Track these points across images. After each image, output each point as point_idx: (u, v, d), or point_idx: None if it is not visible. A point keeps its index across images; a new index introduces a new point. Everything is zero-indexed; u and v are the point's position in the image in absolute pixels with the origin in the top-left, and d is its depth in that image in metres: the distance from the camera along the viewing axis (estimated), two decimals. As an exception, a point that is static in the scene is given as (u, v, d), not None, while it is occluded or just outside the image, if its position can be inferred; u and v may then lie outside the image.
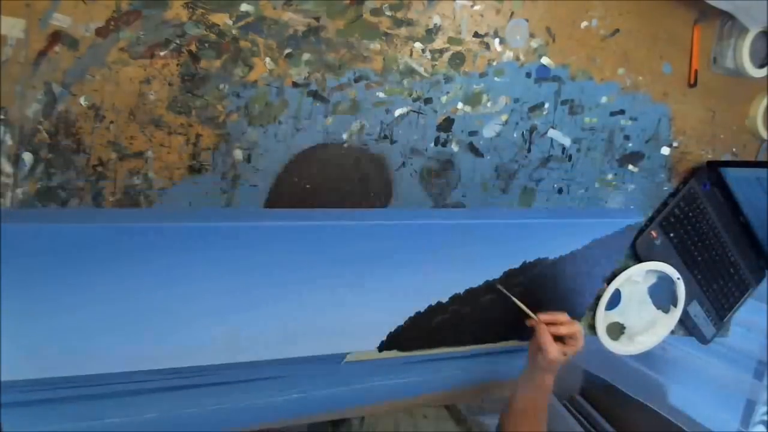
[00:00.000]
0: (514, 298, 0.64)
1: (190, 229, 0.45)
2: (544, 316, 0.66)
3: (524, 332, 0.73)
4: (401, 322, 0.62)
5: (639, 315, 0.92)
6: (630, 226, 0.65)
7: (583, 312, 0.75)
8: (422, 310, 0.62)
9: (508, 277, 0.63)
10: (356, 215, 0.54)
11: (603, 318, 0.88)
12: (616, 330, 0.92)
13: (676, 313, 0.93)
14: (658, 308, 0.93)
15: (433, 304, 0.61)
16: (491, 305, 0.65)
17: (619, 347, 0.92)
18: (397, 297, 0.59)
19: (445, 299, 0.62)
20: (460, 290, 0.62)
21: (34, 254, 0.42)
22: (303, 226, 0.49)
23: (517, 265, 0.62)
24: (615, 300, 0.90)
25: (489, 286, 0.63)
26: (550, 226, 0.61)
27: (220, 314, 0.52)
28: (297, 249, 0.50)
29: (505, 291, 0.64)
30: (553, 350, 0.64)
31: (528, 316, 0.66)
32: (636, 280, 0.90)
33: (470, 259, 0.59)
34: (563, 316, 0.66)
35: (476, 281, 0.62)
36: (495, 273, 0.62)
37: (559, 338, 0.65)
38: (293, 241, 0.50)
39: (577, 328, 0.66)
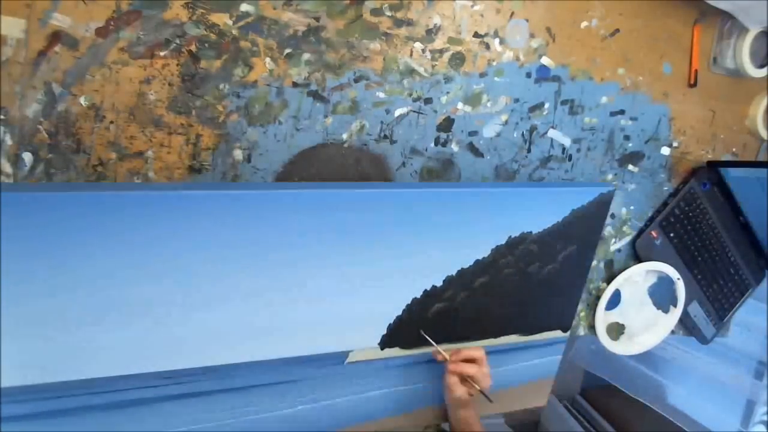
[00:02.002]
0: (427, 337, 0.65)
1: (186, 197, 0.46)
2: (456, 355, 0.66)
3: (523, 326, 0.74)
4: (399, 312, 0.62)
5: (639, 315, 0.92)
6: (603, 194, 0.68)
7: (581, 294, 0.76)
8: (419, 296, 0.62)
9: (496, 255, 0.65)
10: (334, 185, 0.55)
11: (603, 318, 0.89)
12: (616, 330, 0.92)
13: (676, 312, 0.93)
14: (658, 308, 0.93)
15: (428, 288, 0.62)
16: (485, 290, 0.66)
17: (619, 347, 0.92)
18: (391, 283, 0.60)
19: (439, 282, 0.63)
20: (452, 272, 0.63)
21: (30, 228, 0.43)
22: (285, 194, 0.50)
23: (503, 241, 0.65)
24: (615, 300, 0.90)
25: (481, 266, 0.65)
26: (527, 194, 0.64)
27: (218, 314, 0.52)
28: (284, 227, 0.51)
29: (426, 336, 0.66)
30: (458, 390, 0.65)
31: (438, 353, 0.66)
32: (636, 280, 0.90)
33: (457, 239, 0.62)
34: (477, 353, 0.66)
35: (467, 261, 0.64)
36: (483, 251, 0.64)
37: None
38: (281, 216, 0.50)
39: (483, 371, 0.66)
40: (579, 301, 0.77)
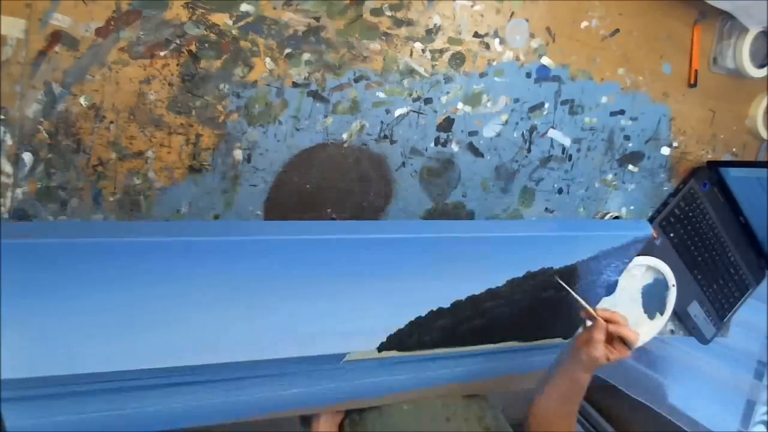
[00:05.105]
0: (572, 292, 0.63)
1: (188, 243, 0.45)
2: (604, 313, 0.64)
3: (525, 336, 0.73)
4: (401, 326, 0.62)
5: (626, 311, 0.91)
6: (638, 238, 0.64)
7: (583, 321, 0.75)
8: (423, 314, 0.61)
9: (512, 286, 0.62)
10: (357, 228, 0.53)
11: None
12: None
13: (660, 322, 0.92)
14: (645, 311, 0.92)
15: (434, 309, 0.61)
16: (492, 311, 0.65)
17: None
18: (398, 304, 0.59)
19: (446, 305, 0.61)
20: (462, 297, 0.61)
21: (30, 265, 0.42)
22: (303, 240, 0.49)
23: (520, 275, 0.62)
24: (610, 287, 0.88)
25: (493, 294, 0.62)
26: (556, 239, 0.60)
27: (219, 315, 0.52)
28: (297, 258, 0.50)
29: (564, 284, 0.63)
30: (601, 350, 0.63)
31: (585, 309, 0.64)
32: (635, 273, 0.89)
33: (473, 268, 0.59)
34: (623, 318, 0.64)
35: (478, 289, 0.61)
36: (498, 281, 0.61)
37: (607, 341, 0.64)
38: (293, 251, 0.49)
39: (635, 336, 0.63)
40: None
